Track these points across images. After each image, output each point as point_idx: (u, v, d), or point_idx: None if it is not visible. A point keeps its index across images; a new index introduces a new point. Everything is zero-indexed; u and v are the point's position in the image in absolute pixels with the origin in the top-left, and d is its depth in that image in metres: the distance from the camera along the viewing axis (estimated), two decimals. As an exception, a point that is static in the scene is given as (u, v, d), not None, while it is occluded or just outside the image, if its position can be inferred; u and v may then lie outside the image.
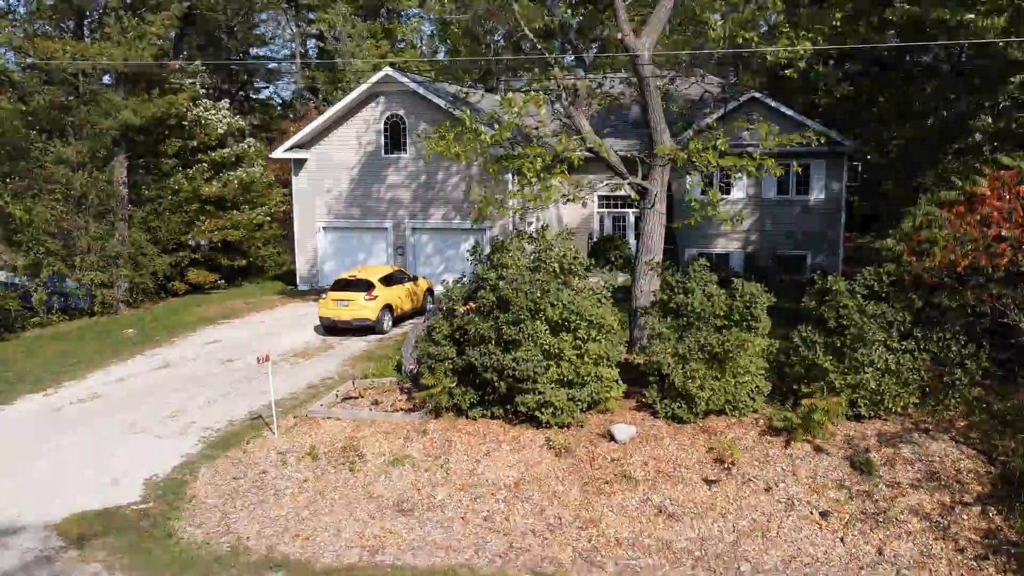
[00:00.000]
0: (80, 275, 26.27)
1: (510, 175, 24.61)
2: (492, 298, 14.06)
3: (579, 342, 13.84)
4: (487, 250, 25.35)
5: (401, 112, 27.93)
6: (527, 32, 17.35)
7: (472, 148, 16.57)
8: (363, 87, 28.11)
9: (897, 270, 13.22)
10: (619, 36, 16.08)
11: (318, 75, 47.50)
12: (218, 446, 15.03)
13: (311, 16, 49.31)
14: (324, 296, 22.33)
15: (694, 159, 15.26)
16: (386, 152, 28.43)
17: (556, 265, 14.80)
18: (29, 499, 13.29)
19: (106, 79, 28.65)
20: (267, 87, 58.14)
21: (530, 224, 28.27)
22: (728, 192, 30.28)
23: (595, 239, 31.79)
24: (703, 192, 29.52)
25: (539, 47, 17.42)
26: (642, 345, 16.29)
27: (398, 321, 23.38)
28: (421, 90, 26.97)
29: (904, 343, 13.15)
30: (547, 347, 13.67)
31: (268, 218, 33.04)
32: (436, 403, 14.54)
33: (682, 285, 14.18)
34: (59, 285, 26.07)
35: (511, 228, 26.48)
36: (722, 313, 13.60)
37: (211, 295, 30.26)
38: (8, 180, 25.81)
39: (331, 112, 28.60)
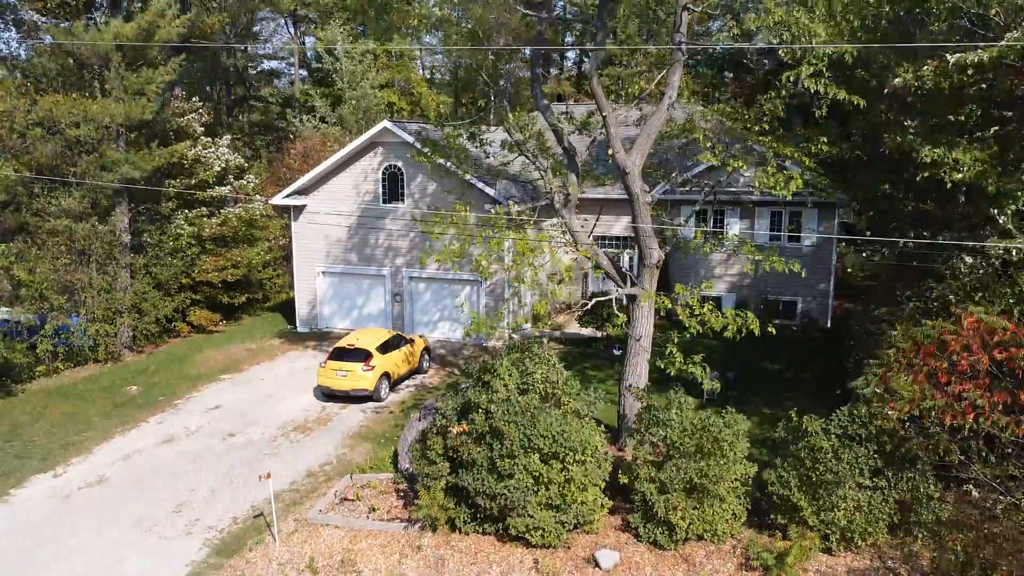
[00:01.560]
0: (84, 325, 26.85)
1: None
2: (485, 426, 14.67)
3: (566, 469, 14.50)
4: (483, 300, 25.99)
5: (399, 163, 28.31)
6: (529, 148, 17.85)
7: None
8: (362, 138, 28.49)
9: (869, 412, 13.83)
10: (610, 152, 16.53)
11: (316, 93, 47.65)
12: (222, 552, 15.72)
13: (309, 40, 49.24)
14: (323, 364, 22.92)
15: (680, 304, 15.81)
16: (384, 201, 28.85)
17: (543, 387, 15.39)
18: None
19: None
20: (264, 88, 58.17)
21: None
22: (723, 233, 30.82)
23: (590, 283, 32.38)
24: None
25: (536, 157, 17.86)
26: (630, 430, 16.96)
27: (397, 383, 24.04)
28: (419, 145, 27.29)
29: (875, 480, 13.82)
30: (537, 474, 14.34)
31: (267, 254, 33.47)
32: (432, 519, 15.24)
33: (658, 418, 14.81)
34: (64, 335, 26.61)
35: (506, 283, 27.05)
36: (696, 446, 14.24)
37: (212, 336, 30.88)
38: (11, 237, 26.25)
39: (330, 161, 28.98)
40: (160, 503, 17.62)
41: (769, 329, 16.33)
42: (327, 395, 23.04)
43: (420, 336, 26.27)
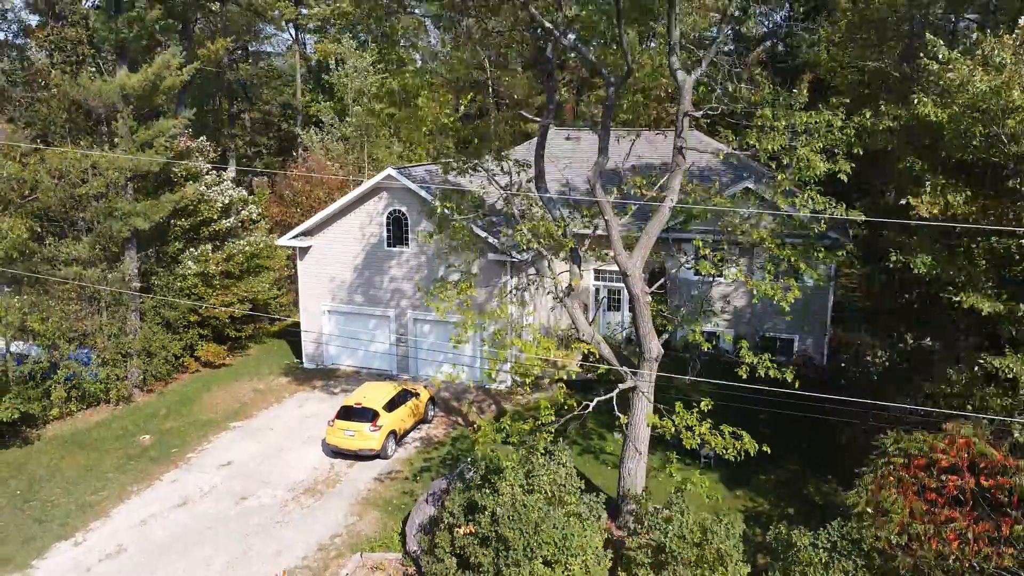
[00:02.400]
0: (96, 368, 27.46)
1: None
2: (491, 531, 15.34)
3: (568, 570, 15.20)
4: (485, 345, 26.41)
5: (403, 208, 28.70)
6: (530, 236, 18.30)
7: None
8: (367, 184, 28.83)
9: (859, 525, 14.46)
10: (612, 255, 17.00)
11: (322, 107, 47.80)
12: (239, 639, 16.50)
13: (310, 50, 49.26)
14: (331, 423, 23.53)
15: (679, 427, 16.36)
16: (389, 245, 29.29)
17: (549, 489, 16.03)
18: None
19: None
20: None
21: (528, 317, 29.38)
22: (721, 275, 31.28)
23: (592, 312, 32.87)
24: (696, 273, 30.78)
25: (539, 248, 18.31)
26: (628, 528, 17.65)
27: (403, 436, 24.72)
28: (422, 192, 27.64)
29: (865, 593, 14.50)
30: (540, 577, 15.05)
31: (273, 285, 33.97)
32: (439, 615, 15.97)
33: (656, 523, 15.47)
34: (76, 381, 27.19)
35: (510, 328, 27.61)
36: (697, 557, 14.91)
37: (220, 372, 31.48)
38: (22, 287, 26.72)
39: (335, 205, 29.40)
40: (177, 578, 18.38)
41: (788, 376, 16.52)
42: (335, 453, 23.70)
43: (425, 387, 26.85)
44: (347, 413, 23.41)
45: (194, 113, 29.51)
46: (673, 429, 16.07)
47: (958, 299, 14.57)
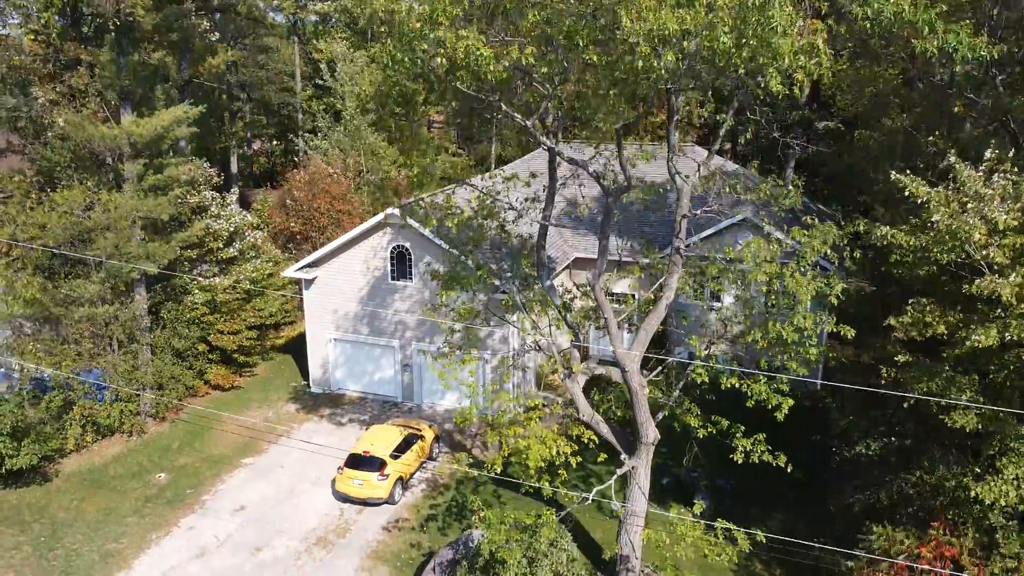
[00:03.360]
0: (108, 406, 28.30)
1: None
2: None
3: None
4: (488, 375, 27.33)
5: (407, 244, 29.19)
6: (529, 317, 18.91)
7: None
8: (370, 221, 29.25)
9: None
10: (612, 348, 17.65)
11: (316, 102, 47.70)
12: None
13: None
14: (340, 471, 24.45)
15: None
16: (393, 279, 29.85)
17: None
18: None
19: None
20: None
21: (527, 352, 30.08)
22: (719, 299, 31.92)
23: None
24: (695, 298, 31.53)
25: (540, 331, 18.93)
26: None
27: (410, 477, 25.66)
28: (426, 232, 28.06)
29: None
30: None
31: (280, 309, 34.59)
32: None
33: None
34: (91, 416, 28.05)
35: (510, 359, 28.38)
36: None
37: (229, 395, 32.35)
38: (39, 329, 27.40)
39: (340, 240, 29.86)
40: (200, 643, 19.47)
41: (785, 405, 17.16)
42: (344, 499, 24.66)
43: (430, 426, 27.67)
44: (355, 462, 24.30)
45: (201, 110, 29.27)
46: (667, 540, 16.87)
47: (944, 417, 15.29)
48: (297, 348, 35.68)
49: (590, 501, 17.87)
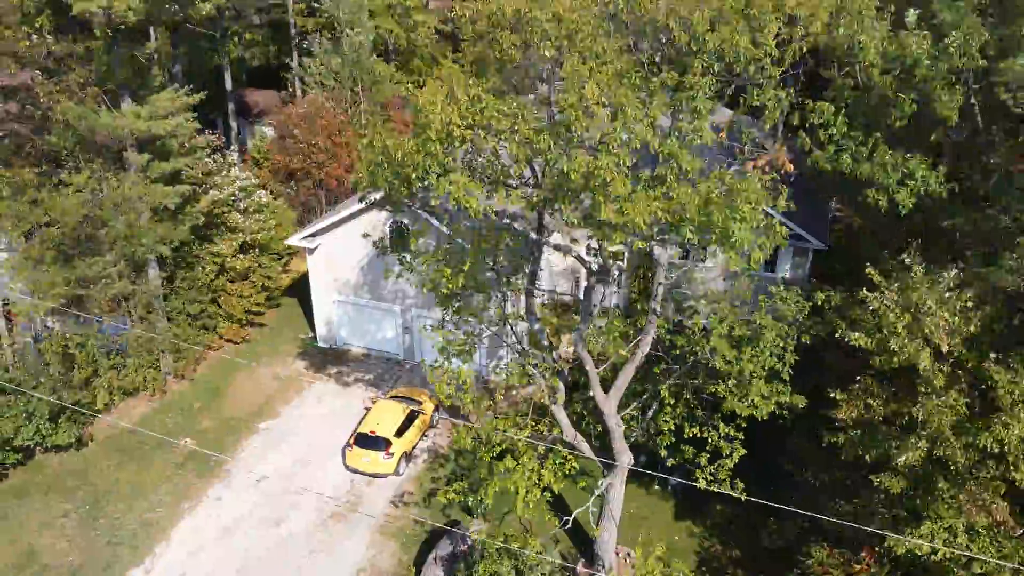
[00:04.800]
0: (134, 372, 30.64)
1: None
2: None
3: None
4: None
5: (405, 221, 30.41)
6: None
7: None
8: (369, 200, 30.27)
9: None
10: (592, 394, 19.63)
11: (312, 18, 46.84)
12: None
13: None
14: (350, 447, 27.09)
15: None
16: (392, 250, 31.24)
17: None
18: None
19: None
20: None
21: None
22: (704, 260, 33.54)
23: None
24: (683, 257, 33.07)
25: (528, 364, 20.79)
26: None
27: (413, 448, 28.35)
28: (422, 213, 29.21)
29: None
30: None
31: (286, 264, 36.22)
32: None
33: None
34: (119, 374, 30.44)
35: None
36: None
37: (241, 347, 34.62)
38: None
39: (339, 216, 31.05)
40: (235, 617, 22.75)
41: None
42: (354, 471, 27.44)
43: (430, 396, 30.03)
44: (363, 441, 26.89)
45: (200, 98, 29.77)
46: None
47: (875, 477, 17.48)
48: (302, 291, 37.39)
49: (570, 523, 20.49)
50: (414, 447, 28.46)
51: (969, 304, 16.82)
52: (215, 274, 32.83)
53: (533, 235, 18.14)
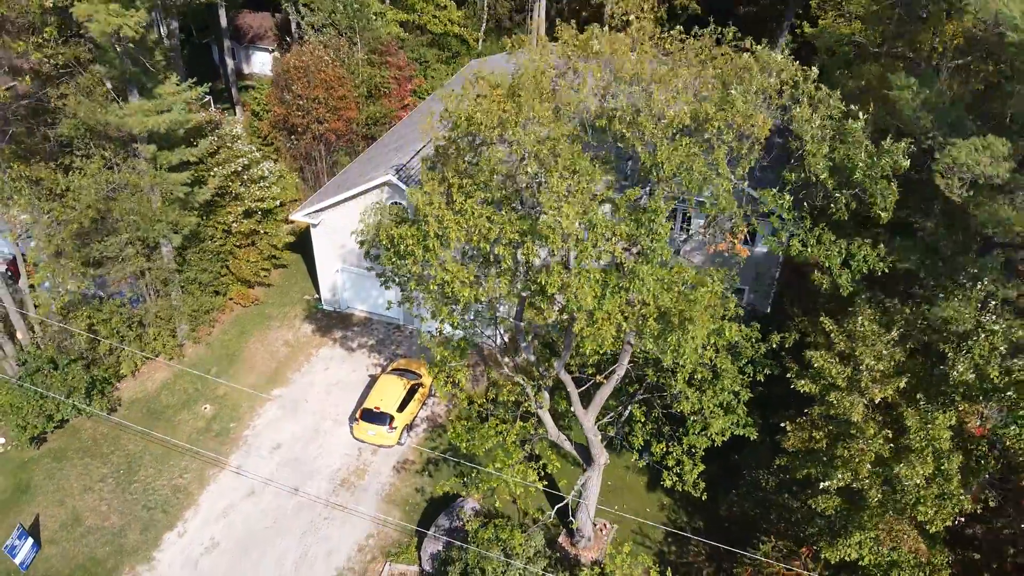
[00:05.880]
0: (153, 339, 33.10)
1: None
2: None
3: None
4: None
5: (403, 203, 32.07)
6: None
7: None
8: (370, 183, 31.83)
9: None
10: (571, 409, 22.12)
11: None
12: (313, 637, 24.68)
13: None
14: (357, 421, 29.90)
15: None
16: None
17: None
18: None
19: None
20: None
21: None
22: (689, 225, 35.46)
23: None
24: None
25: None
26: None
27: (414, 419, 31.19)
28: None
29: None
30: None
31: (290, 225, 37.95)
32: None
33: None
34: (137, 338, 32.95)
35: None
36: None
37: (250, 309, 36.97)
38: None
39: (339, 196, 32.64)
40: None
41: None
42: (361, 442, 30.37)
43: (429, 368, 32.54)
44: (369, 416, 29.68)
45: (204, 90, 30.87)
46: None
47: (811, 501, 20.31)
48: (305, 246, 39.20)
49: (552, 515, 23.46)
50: (415, 418, 31.29)
51: (903, 359, 19.12)
52: (223, 240, 34.67)
53: (515, 322, 20.31)
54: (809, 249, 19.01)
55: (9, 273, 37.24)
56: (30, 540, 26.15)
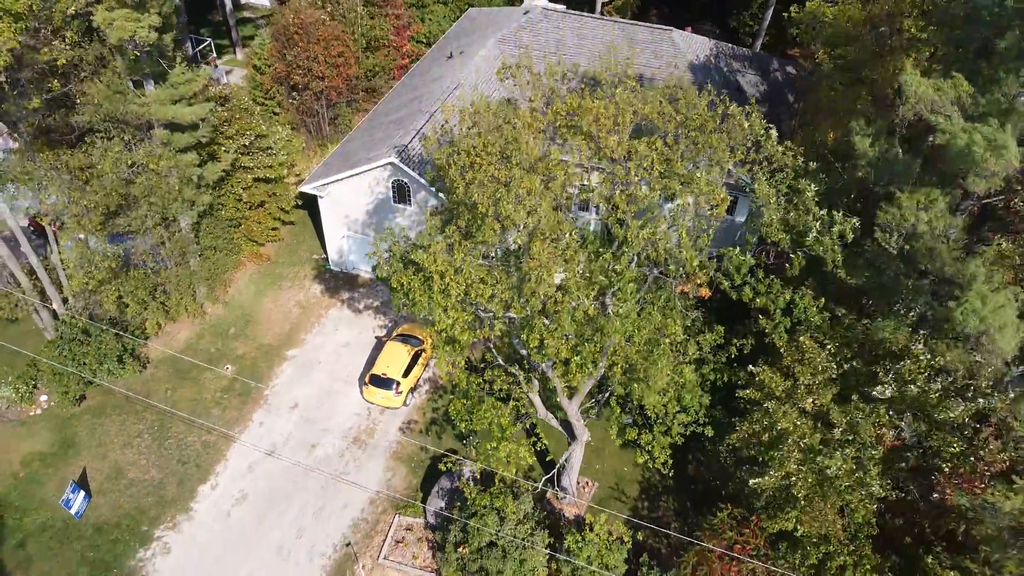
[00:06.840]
0: (177, 302, 35.94)
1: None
2: (477, 553, 26.43)
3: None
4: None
5: (405, 180, 34.27)
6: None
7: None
8: (373, 164, 33.87)
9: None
10: (557, 399, 25.23)
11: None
12: (333, 579, 28.74)
13: None
14: (367, 384, 33.13)
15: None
16: (394, 202, 35.38)
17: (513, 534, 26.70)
18: (253, 633, 27.51)
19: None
20: None
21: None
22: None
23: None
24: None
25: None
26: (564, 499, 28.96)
27: (417, 381, 34.44)
28: (421, 180, 33.10)
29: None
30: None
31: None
32: (448, 580, 27.96)
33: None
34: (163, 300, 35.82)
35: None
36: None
37: (263, 267, 39.63)
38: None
39: (344, 174, 34.72)
40: (285, 528, 29.90)
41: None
42: (370, 403, 33.70)
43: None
44: (377, 381, 32.89)
45: (209, 73, 32.53)
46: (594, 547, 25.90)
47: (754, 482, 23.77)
48: (313, 204, 41.36)
49: (540, 486, 27.03)
50: (418, 380, 34.54)
51: (835, 375, 22.15)
52: (235, 207, 36.98)
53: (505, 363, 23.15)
54: (759, 299, 21.66)
55: (32, 229, 39.65)
56: (82, 493, 29.80)
